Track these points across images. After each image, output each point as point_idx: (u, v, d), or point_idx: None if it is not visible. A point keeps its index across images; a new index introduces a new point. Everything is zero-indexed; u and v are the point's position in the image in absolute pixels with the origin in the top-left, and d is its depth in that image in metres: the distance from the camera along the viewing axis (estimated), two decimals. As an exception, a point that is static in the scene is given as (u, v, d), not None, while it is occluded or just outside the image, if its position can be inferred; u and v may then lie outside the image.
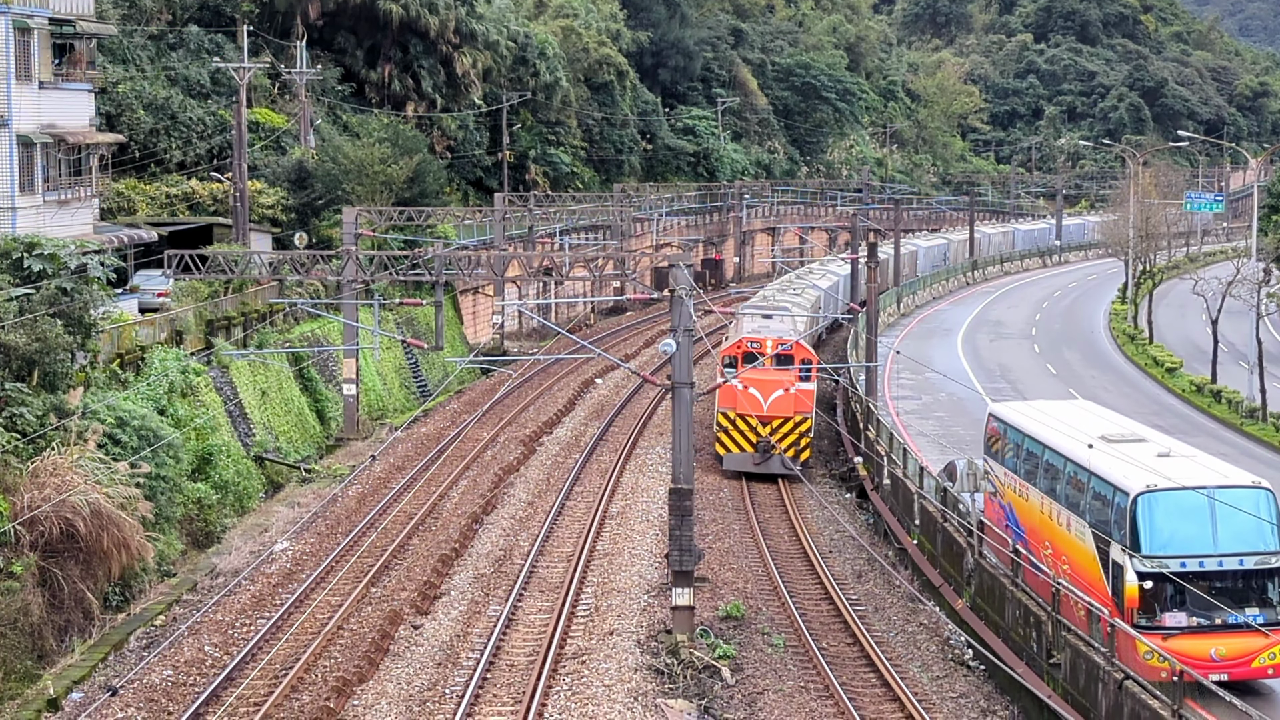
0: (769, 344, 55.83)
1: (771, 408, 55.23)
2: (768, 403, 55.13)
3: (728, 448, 56.16)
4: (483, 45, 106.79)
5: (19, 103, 55.73)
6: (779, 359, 55.45)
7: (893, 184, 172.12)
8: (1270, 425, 60.82)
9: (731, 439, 56.01)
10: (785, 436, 55.51)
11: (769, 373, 55.25)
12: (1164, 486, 31.81)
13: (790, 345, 55.81)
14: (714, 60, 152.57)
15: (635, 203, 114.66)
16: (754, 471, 55.52)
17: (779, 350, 55.39)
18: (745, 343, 56.39)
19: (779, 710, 34.13)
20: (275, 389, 59.81)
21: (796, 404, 55.44)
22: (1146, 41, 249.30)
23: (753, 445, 55.47)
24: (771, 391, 55.09)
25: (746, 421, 55.48)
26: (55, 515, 37.08)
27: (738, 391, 54.88)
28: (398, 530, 47.46)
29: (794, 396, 55.36)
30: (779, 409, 55.24)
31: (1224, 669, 30.52)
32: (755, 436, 55.41)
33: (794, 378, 55.42)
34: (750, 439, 55.54)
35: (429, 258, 65.73)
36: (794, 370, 55.49)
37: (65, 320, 42.86)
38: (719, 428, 56.34)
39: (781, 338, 56.47)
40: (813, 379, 56.37)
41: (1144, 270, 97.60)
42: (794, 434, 55.62)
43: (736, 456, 56.04)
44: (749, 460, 55.60)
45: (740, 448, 55.83)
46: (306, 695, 33.93)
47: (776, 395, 55.11)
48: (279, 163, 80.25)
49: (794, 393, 55.34)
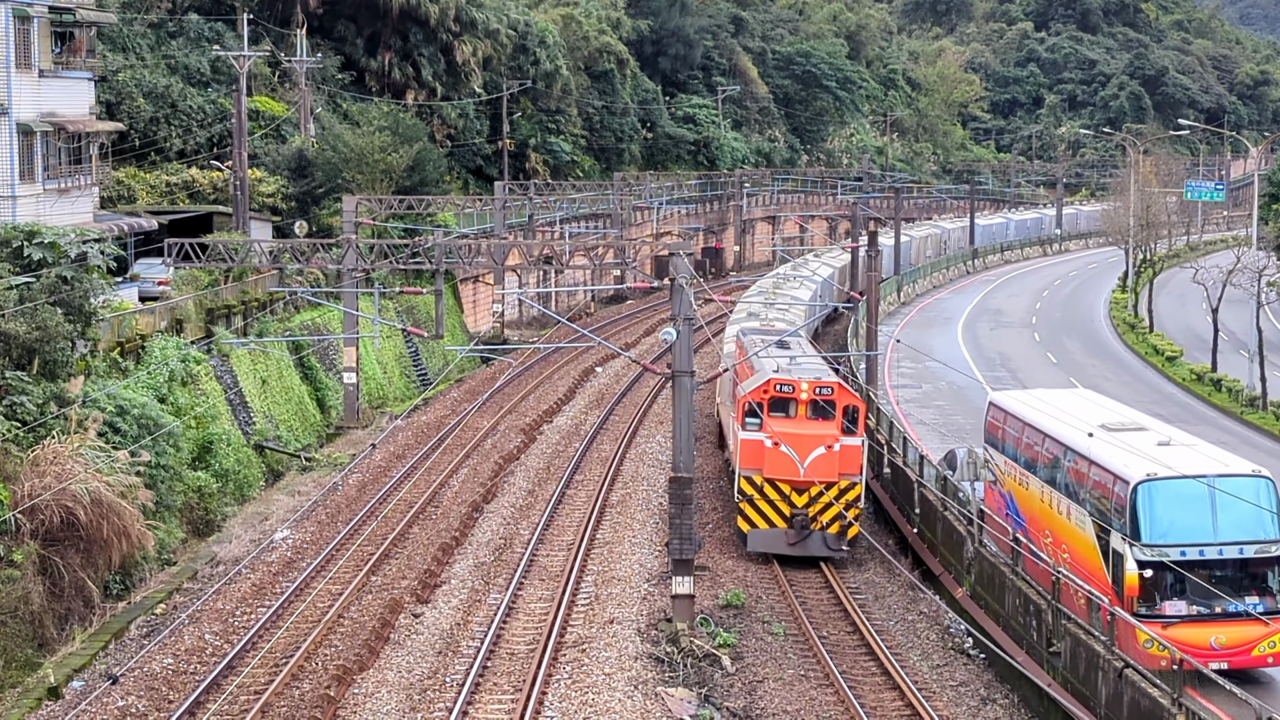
0: (804, 387, 43.71)
1: (810, 470, 42.84)
2: (805, 464, 42.82)
3: (753, 522, 43.54)
4: (483, 33, 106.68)
5: (19, 91, 55.66)
6: (816, 406, 43.54)
7: (893, 172, 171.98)
8: (1270, 414, 60.85)
9: (758, 511, 43.54)
10: (828, 508, 43.13)
11: (805, 424, 43.39)
12: (1164, 475, 31.85)
13: (832, 389, 43.80)
14: (714, 48, 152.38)
15: (635, 191, 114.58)
16: (788, 554, 43.63)
17: (817, 395, 43.58)
18: (772, 386, 43.89)
19: (779, 698, 34.17)
20: (275, 377, 59.80)
21: (842, 465, 43.13)
22: (1147, 30, 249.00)
23: (786, 520, 43.37)
24: (810, 450, 42.92)
25: (777, 488, 43.18)
26: (56, 504, 37.10)
27: (765, 449, 43.07)
28: (398, 519, 47.48)
29: (838, 455, 43.00)
30: (820, 472, 42.86)
31: (1224, 657, 30.59)
32: (789, 508, 43.22)
33: (837, 430, 43.22)
34: (782, 511, 43.35)
35: (429, 246, 65.73)
36: (837, 420, 43.45)
37: (65, 309, 42.86)
38: (740, 495, 43.73)
39: (819, 378, 44.45)
40: (859, 430, 43.87)
41: (1144, 259, 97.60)
42: (839, 504, 43.19)
43: (764, 534, 43.58)
44: (781, 539, 43.44)
45: (769, 522, 43.44)
46: (307, 683, 33.97)
47: (816, 454, 42.89)
48: (279, 151, 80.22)
49: (838, 450, 42.95)
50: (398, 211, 75.53)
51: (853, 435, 43.44)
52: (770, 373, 44.80)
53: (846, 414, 43.53)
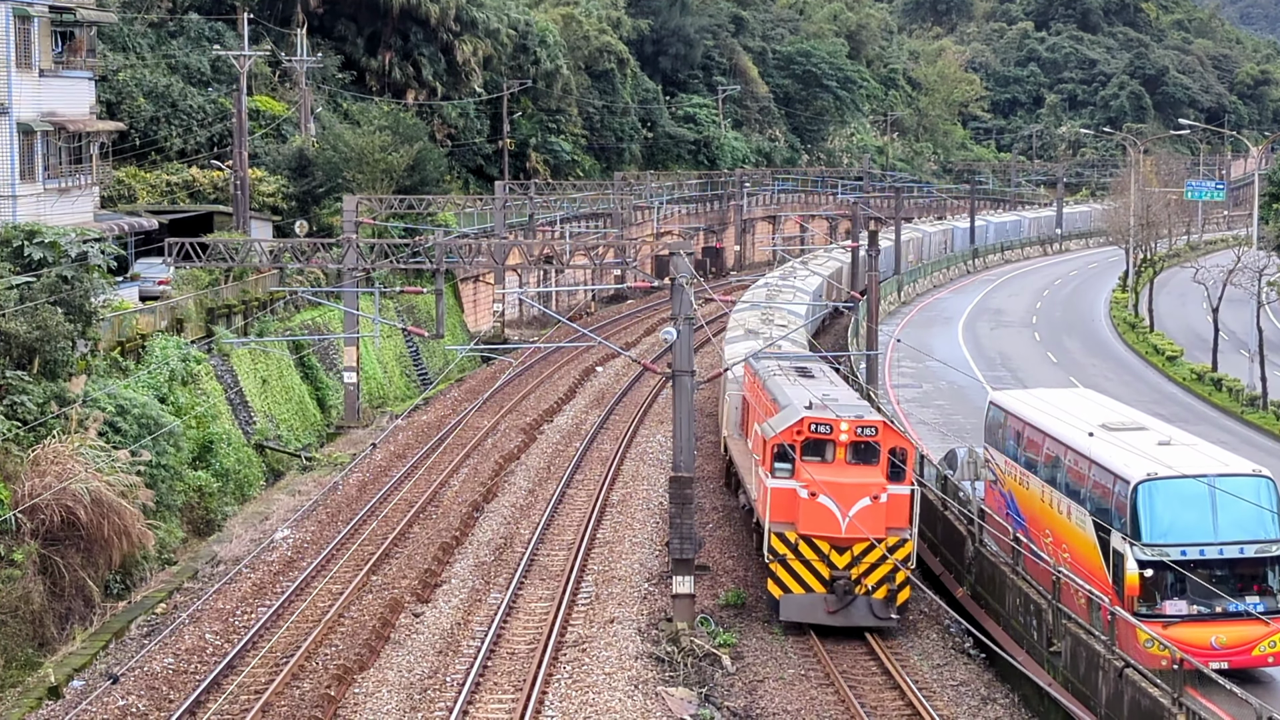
0: (844, 427, 37.73)
1: (854, 525, 37.12)
2: (847, 518, 37.21)
3: (785, 586, 37.77)
4: (483, 33, 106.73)
5: (19, 91, 55.66)
6: (858, 449, 37.74)
7: (893, 172, 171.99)
8: (1271, 413, 60.84)
9: (791, 573, 37.75)
10: (874, 569, 37.43)
11: (846, 471, 37.59)
12: (1164, 475, 31.84)
13: (876, 429, 37.87)
14: (715, 48, 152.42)
15: (636, 191, 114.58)
16: (828, 625, 37.82)
17: (859, 436, 37.81)
18: (807, 426, 37.82)
19: (780, 698, 34.17)
20: (276, 377, 59.81)
21: (889, 517, 37.43)
22: (1148, 29, 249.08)
23: (825, 584, 37.52)
24: (852, 501, 37.21)
25: (814, 547, 37.49)
26: (56, 503, 37.10)
27: (799, 500, 37.45)
28: (398, 518, 47.48)
29: (885, 507, 37.31)
30: (864, 526, 37.08)
31: (1224, 657, 30.58)
32: (828, 570, 37.50)
33: (883, 477, 37.51)
34: (820, 574, 37.56)
35: (429, 246, 65.74)
36: (882, 465, 37.69)
37: (66, 308, 42.86)
38: (770, 555, 37.80)
39: (861, 416, 38.36)
40: (908, 476, 37.96)
41: (1145, 258, 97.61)
42: (887, 564, 37.45)
43: (799, 601, 37.71)
44: (819, 607, 37.57)
45: (805, 587, 37.67)
46: (307, 683, 33.97)
47: (860, 506, 37.19)
48: (279, 151, 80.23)
49: (884, 501, 37.33)
50: (398, 211, 75.54)
51: (900, 482, 37.63)
52: (802, 410, 38.39)
53: (893, 458, 37.64)
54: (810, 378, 44.66)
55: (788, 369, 45.72)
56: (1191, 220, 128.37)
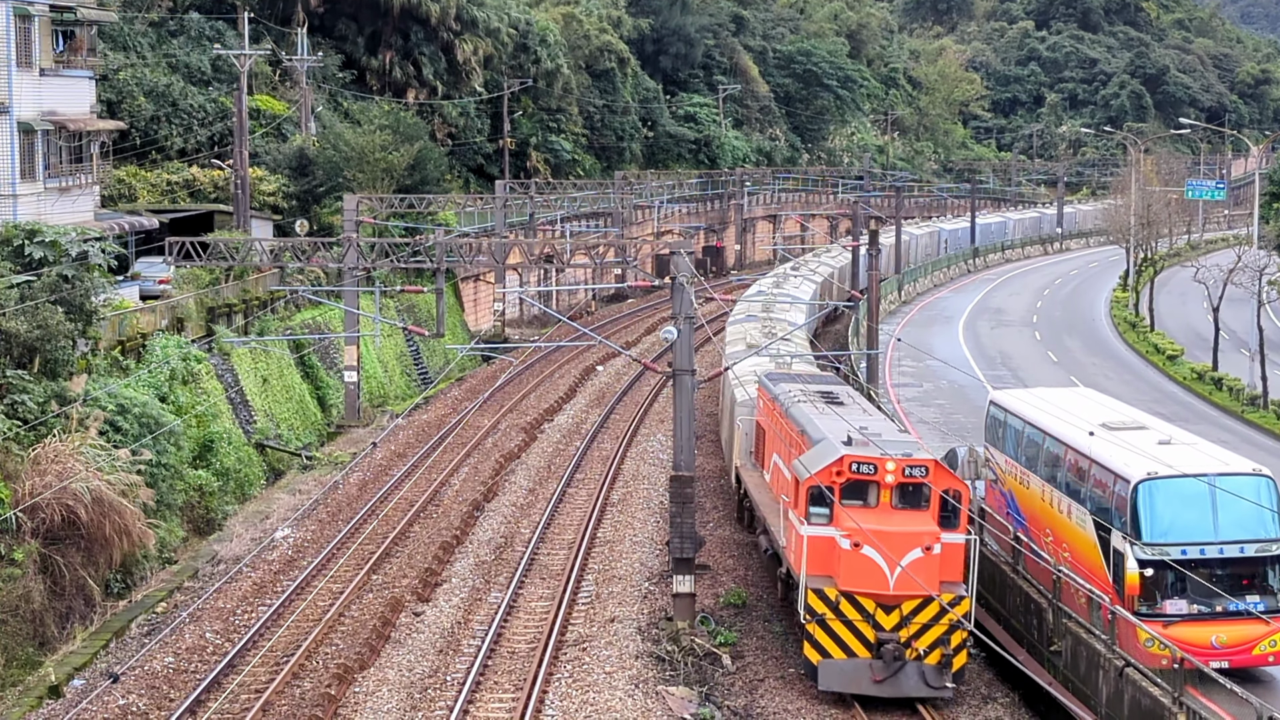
0: (890, 467, 33.13)
1: (903, 581, 32.61)
2: (895, 573, 32.64)
3: (824, 650, 33.16)
4: (484, 32, 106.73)
5: (19, 90, 55.66)
6: (905, 492, 33.36)
7: (894, 171, 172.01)
8: (1271, 413, 60.84)
9: (831, 636, 33.13)
10: (926, 630, 32.91)
11: (892, 517, 33.08)
12: (1165, 474, 31.83)
13: (926, 468, 33.30)
14: (715, 47, 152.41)
15: (636, 190, 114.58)
16: (874, 695, 33.25)
17: (907, 477, 33.24)
18: (848, 465, 33.37)
19: (780, 697, 34.16)
20: (276, 376, 59.82)
21: (944, 570, 33.09)
22: (1148, 28, 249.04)
23: (870, 648, 32.97)
24: (901, 552, 32.63)
25: (858, 605, 32.86)
26: (56, 502, 37.11)
27: (840, 551, 33.07)
28: (399, 517, 47.49)
29: (937, 559, 32.90)
30: (915, 582, 32.54)
31: (1225, 656, 30.56)
32: (873, 632, 32.86)
33: (935, 524, 33.19)
34: (865, 637, 32.96)
35: (430, 245, 65.75)
36: (933, 510, 33.35)
37: (66, 307, 42.87)
38: (807, 614, 33.16)
39: (909, 454, 33.75)
40: (962, 523, 33.59)
41: (1145, 257, 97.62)
42: (940, 625, 32.89)
43: (841, 668, 33.10)
44: (864, 675, 32.96)
45: (847, 651, 33.07)
46: (308, 682, 33.98)
47: (911, 559, 32.62)
48: (280, 150, 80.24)
49: (937, 553, 32.88)
50: (399, 210, 75.54)
51: (954, 530, 33.29)
52: (840, 446, 34.07)
53: (946, 501, 33.28)
54: (839, 404, 40.08)
55: (811, 394, 40.93)
56: (1192, 219, 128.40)
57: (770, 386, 43.66)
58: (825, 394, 41.25)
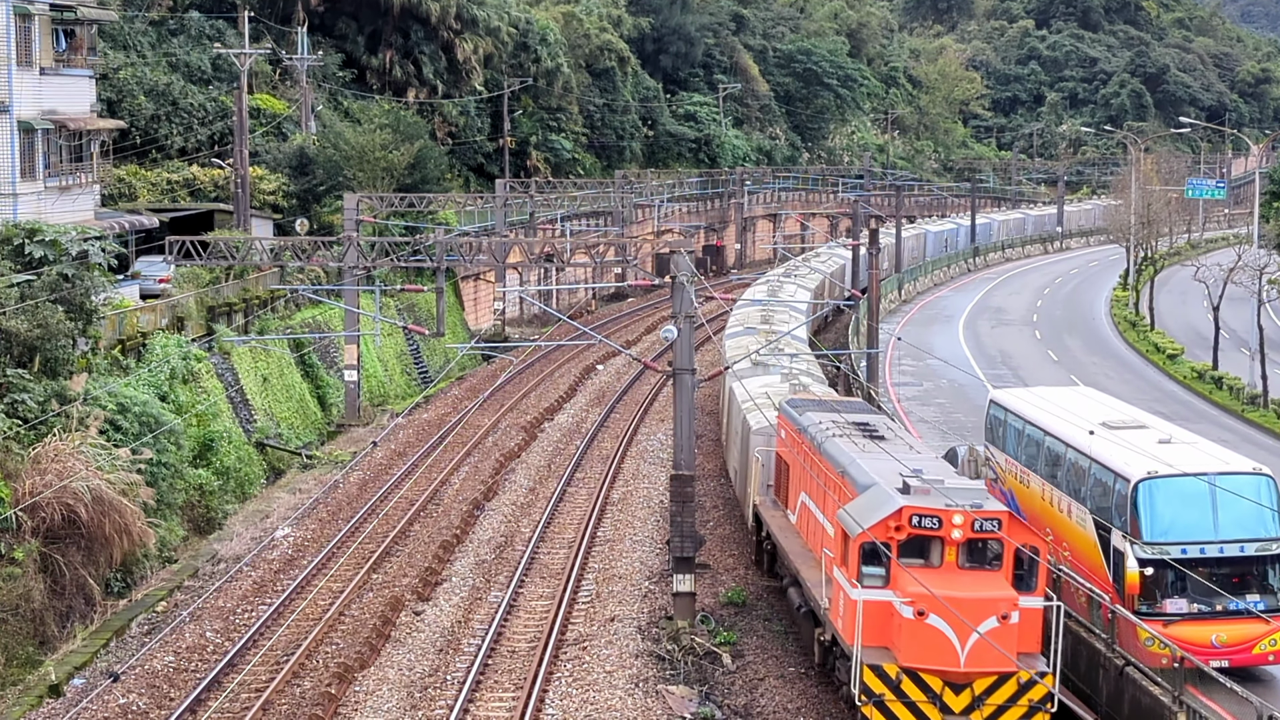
0: (957, 520, 28.38)
1: (976, 655, 27.86)
2: (967, 646, 27.80)
3: None
4: (484, 31, 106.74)
5: (20, 89, 55.68)
6: (974, 551, 28.71)
7: (894, 170, 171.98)
8: (1271, 412, 60.82)
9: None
10: (1002, 712, 28.17)
11: (960, 579, 28.32)
12: (1165, 473, 31.82)
13: (998, 521, 28.58)
14: (715, 46, 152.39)
15: (636, 189, 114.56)
16: None
17: (977, 533, 28.54)
18: (907, 519, 28.53)
19: (780, 696, 34.16)
20: (276, 375, 59.82)
21: (1021, 641, 28.43)
22: (1148, 27, 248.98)
23: None
24: (974, 621, 27.78)
25: (922, 684, 28.08)
26: (57, 501, 37.12)
27: (900, 620, 28.34)
28: (399, 516, 47.49)
29: (1015, 629, 28.18)
30: (990, 656, 27.82)
31: (1225, 655, 30.55)
32: (941, 716, 28.09)
33: (1010, 587, 28.49)
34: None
35: (430, 244, 65.76)
36: (1006, 570, 28.73)
37: (67, 306, 42.89)
38: (864, 695, 28.32)
39: (980, 506, 28.75)
40: (1040, 585, 29.00)
41: (1145, 257, 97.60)
42: (1019, 705, 28.21)
43: None
44: None
45: None
46: (308, 681, 33.97)
47: (986, 629, 27.82)
48: (280, 149, 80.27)
49: (1015, 622, 28.14)
50: (399, 209, 75.55)
51: (1031, 593, 28.70)
52: (896, 494, 29.24)
53: (1021, 560, 28.77)
54: (879, 438, 35.19)
55: (844, 425, 36.16)
56: (1192, 218, 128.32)
57: (795, 416, 38.74)
58: (861, 426, 36.32)
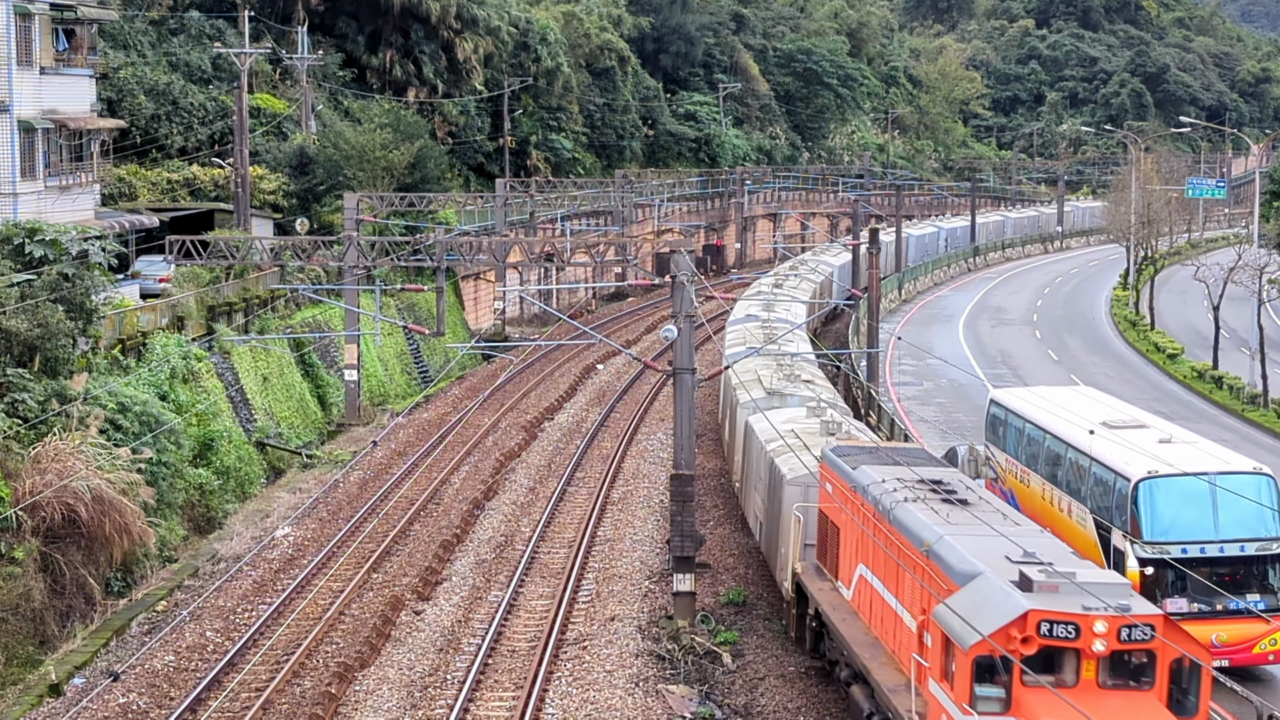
0: (1098, 629, 22.13)
1: None
2: None
3: None
4: (484, 31, 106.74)
5: (20, 88, 55.69)
6: (1119, 665, 22.61)
7: (894, 170, 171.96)
8: (1272, 411, 60.81)
9: None
10: None
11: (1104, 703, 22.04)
12: (1165, 473, 31.84)
13: (1151, 629, 22.31)
14: (715, 46, 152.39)
15: (637, 188, 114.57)
16: None
17: (1125, 644, 22.36)
18: (1036, 626, 22.24)
19: (780, 695, 34.15)
20: (277, 375, 59.82)
21: None
22: (1148, 27, 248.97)
23: None
24: None
25: None
26: (57, 501, 37.12)
27: None
28: (399, 516, 47.49)
29: None
30: None
31: (1225, 655, 30.57)
32: None
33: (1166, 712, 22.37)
34: None
35: (430, 243, 65.78)
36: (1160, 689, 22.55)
37: (67, 306, 42.88)
38: None
39: (1128, 610, 22.40)
40: (1202, 708, 22.66)
41: (1145, 256, 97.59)
42: None
43: None
44: None
45: None
46: (308, 680, 33.98)
47: None
48: (280, 148, 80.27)
49: None
50: (399, 209, 75.55)
51: (1192, 718, 22.69)
52: (1017, 594, 22.86)
53: (1180, 676, 22.68)
54: (962, 503, 28.15)
55: (913, 484, 29.28)
56: (1192, 218, 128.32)
57: (845, 469, 31.69)
58: (936, 485, 29.33)
